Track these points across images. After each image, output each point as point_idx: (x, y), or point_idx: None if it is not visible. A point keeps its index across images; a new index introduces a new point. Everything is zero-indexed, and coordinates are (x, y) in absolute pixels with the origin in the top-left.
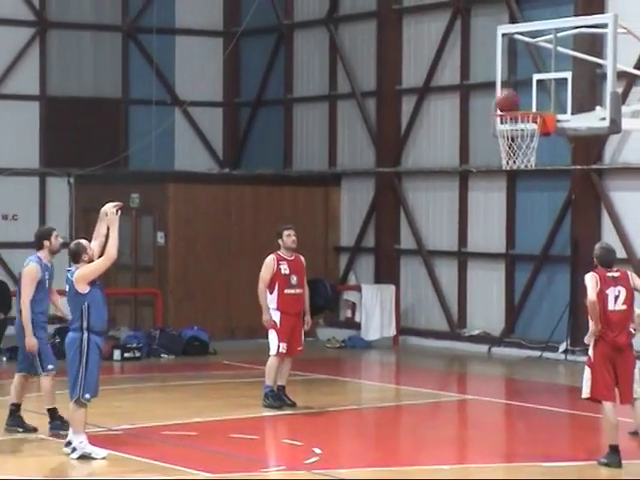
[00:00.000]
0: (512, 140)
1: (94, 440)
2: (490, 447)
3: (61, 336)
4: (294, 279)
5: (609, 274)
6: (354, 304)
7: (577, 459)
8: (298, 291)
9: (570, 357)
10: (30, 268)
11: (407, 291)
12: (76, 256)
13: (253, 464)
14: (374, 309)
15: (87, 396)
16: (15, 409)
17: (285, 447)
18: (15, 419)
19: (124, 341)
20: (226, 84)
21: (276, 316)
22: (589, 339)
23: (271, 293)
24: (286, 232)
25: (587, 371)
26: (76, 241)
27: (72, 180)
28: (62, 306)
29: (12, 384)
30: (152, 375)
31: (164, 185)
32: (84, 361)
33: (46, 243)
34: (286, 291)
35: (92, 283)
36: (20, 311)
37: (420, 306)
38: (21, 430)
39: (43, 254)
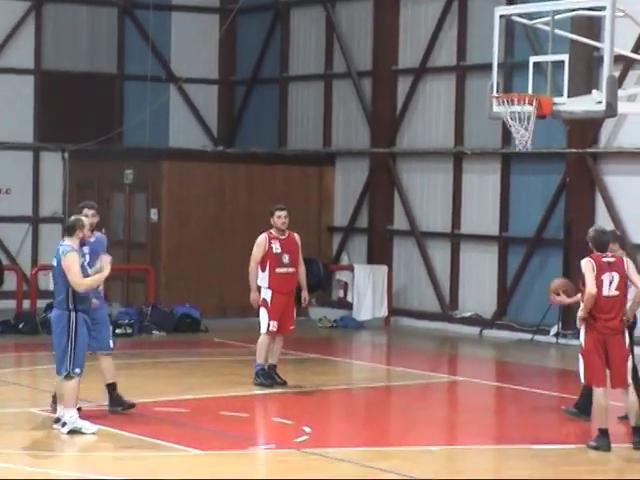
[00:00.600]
0: (508, 122)
1: (84, 415)
2: (480, 429)
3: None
4: (286, 258)
5: (604, 259)
6: (346, 284)
7: (567, 442)
8: (290, 270)
9: (561, 340)
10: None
11: (400, 272)
12: (71, 230)
13: (243, 442)
14: (366, 289)
15: (77, 370)
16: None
17: (275, 425)
18: (114, 399)
19: (116, 317)
20: (222, 61)
21: (267, 294)
22: (580, 323)
23: (263, 271)
24: (277, 213)
25: (581, 359)
26: (77, 217)
27: (66, 155)
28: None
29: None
30: (143, 351)
31: (158, 162)
32: (72, 337)
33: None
34: (277, 270)
35: None
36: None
37: (412, 287)
38: (120, 409)
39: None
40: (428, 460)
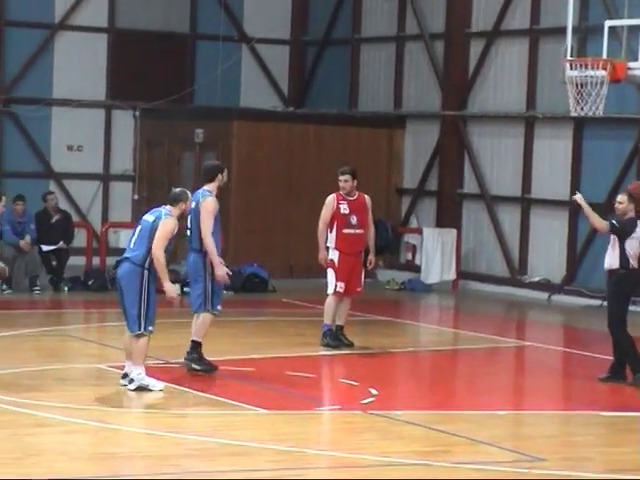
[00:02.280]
0: (581, 87)
1: (152, 372)
2: (547, 394)
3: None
4: (354, 219)
5: None
6: (414, 247)
7: (636, 410)
8: (358, 231)
9: (631, 307)
10: (209, 201)
11: (468, 235)
12: (175, 201)
13: (309, 402)
14: (435, 252)
15: (150, 328)
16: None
17: (341, 387)
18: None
19: (184, 275)
20: (294, 22)
21: (335, 255)
22: None
23: (331, 232)
24: (341, 177)
25: None
26: (184, 189)
27: (137, 113)
28: None
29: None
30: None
31: (228, 121)
32: (145, 295)
33: (219, 177)
34: (345, 231)
35: None
36: (195, 249)
37: (481, 251)
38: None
39: (213, 187)
40: (495, 424)
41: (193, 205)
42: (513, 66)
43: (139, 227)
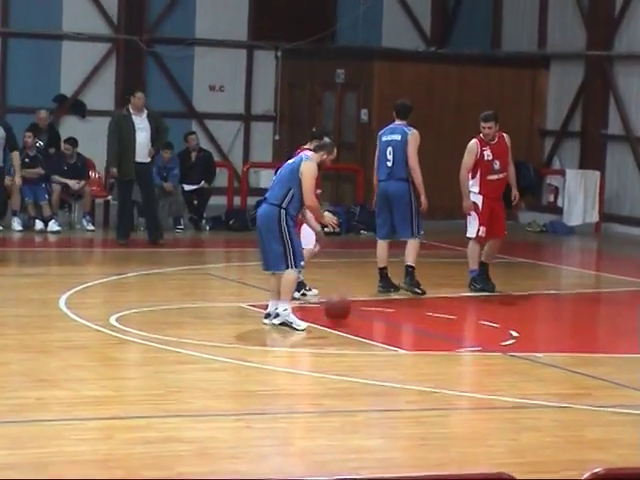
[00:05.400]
0: None
1: (294, 312)
2: None
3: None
4: (497, 164)
5: None
6: (557, 189)
7: None
8: (501, 176)
9: None
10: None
11: (612, 178)
12: (320, 148)
13: (449, 343)
14: (577, 195)
15: (302, 263)
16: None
17: (482, 328)
18: (387, 281)
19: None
20: None
21: (477, 199)
22: None
23: (473, 178)
24: (485, 124)
25: None
26: (332, 142)
27: (279, 54)
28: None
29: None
30: (351, 251)
31: (370, 62)
32: (286, 232)
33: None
34: (489, 177)
35: None
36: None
37: (625, 193)
38: (393, 290)
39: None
40: (636, 368)
41: (291, 161)
42: None
43: (279, 172)
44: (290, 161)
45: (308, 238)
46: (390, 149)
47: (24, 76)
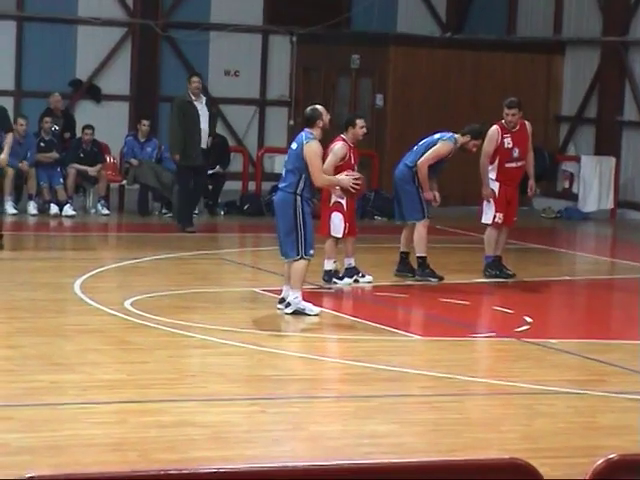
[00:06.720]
0: None
1: (307, 297)
2: None
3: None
4: (516, 152)
5: None
6: (572, 175)
7: None
8: (519, 164)
9: None
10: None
11: (628, 164)
12: (310, 121)
13: (463, 329)
14: (592, 181)
15: (311, 252)
16: (405, 257)
17: (496, 314)
18: (405, 266)
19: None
20: None
21: (495, 186)
22: None
23: (491, 164)
24: (509, 111)
25: None
26: (313, 106)
27: (294, 39)
28: None
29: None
30: (365, 236)
31: (385, 47)
32: (300, 220)
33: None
34: (507, 165)
35: None
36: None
37: None
38: (410, 275)
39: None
40: None
41: (294, 146)
42: None
43: (287, 159)
44: (293, 145)
45: (337, 227)
46: (425, 140)
47: (39, 61)
